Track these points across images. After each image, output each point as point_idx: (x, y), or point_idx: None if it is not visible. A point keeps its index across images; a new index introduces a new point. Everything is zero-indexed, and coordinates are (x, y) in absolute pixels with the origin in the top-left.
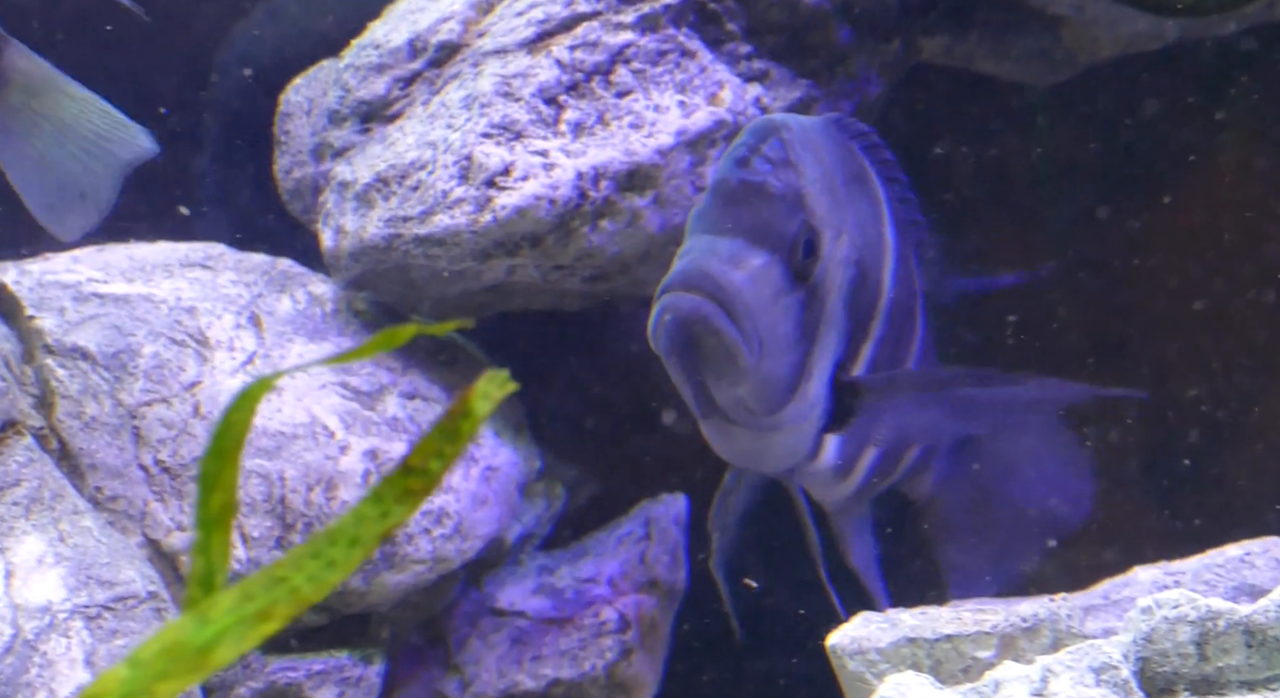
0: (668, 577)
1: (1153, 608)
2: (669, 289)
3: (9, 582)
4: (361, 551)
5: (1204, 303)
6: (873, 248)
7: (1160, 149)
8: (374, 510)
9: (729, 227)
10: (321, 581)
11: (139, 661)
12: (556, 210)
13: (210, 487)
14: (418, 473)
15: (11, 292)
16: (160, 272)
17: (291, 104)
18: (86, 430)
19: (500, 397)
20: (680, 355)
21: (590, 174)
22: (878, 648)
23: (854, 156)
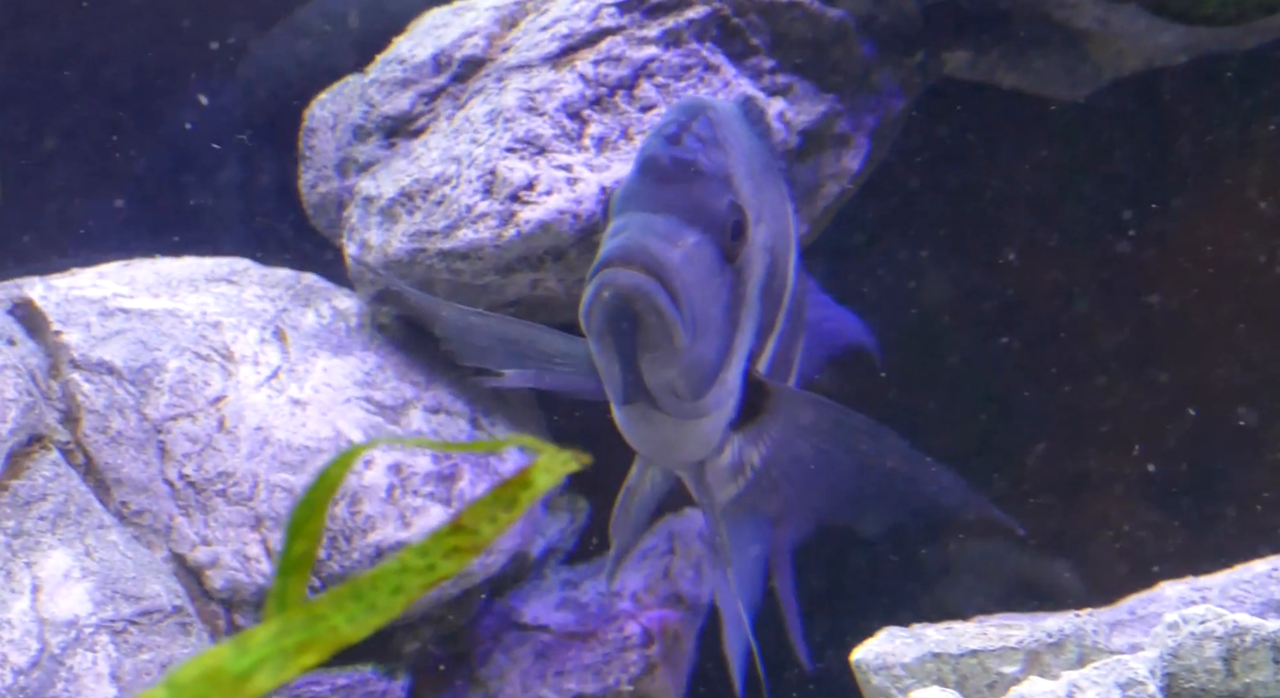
0: (691, 591)
1: (1179, 624)
2: (607, 263)
3: (36, 596)
4: (404, 599)
5: (1230, 318)
6: (782, 237)
7: (1187, 163)
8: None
9: (662, 205)
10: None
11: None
12: (580, 225)
13: (296, 534)
14: (468, 532)
15: (38, 307)
16: (186, 286)
17: (316, 119)
18: (112, 445)
19: (563, 474)
20: (615, 333)
21: (614, 188)
22: (902, 663)
23: (764, 143)
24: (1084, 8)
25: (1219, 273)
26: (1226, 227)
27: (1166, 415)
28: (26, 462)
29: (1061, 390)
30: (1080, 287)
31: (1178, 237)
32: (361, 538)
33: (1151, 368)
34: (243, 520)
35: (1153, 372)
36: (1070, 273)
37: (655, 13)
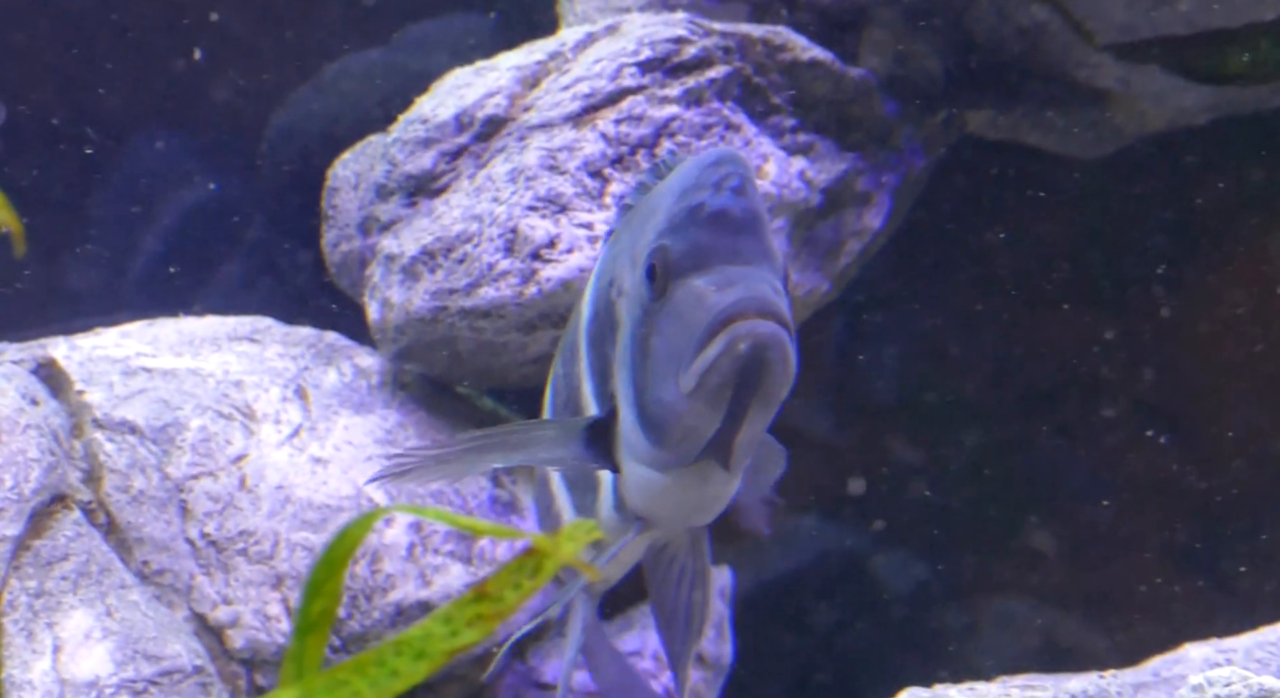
0: (713, 651)
1: (1204, 686)
2: (741, 315)
3: (57, 657)
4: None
5: (1257, 376)
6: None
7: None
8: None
9: (750, 256)
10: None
11: None
12: None
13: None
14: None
15: (61, 367)
16: (208, 345)
17: (339, 178)
18: (134, 504)
19: (587, 542)
20: (742, 387)
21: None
22: None
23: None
24: (1106, 67)
25: (1244, 332)
26: (1251, 286)
27: (1191, 475)
28: (49, 521)
29: (1085, 449)
30: (1104, 345)
31: (1202, 296)
32: (382, 597)
33: (1177, 427)
34: (264, 580)
35: (1178, 431)
36: (1093, 331)
37: (677, 72)
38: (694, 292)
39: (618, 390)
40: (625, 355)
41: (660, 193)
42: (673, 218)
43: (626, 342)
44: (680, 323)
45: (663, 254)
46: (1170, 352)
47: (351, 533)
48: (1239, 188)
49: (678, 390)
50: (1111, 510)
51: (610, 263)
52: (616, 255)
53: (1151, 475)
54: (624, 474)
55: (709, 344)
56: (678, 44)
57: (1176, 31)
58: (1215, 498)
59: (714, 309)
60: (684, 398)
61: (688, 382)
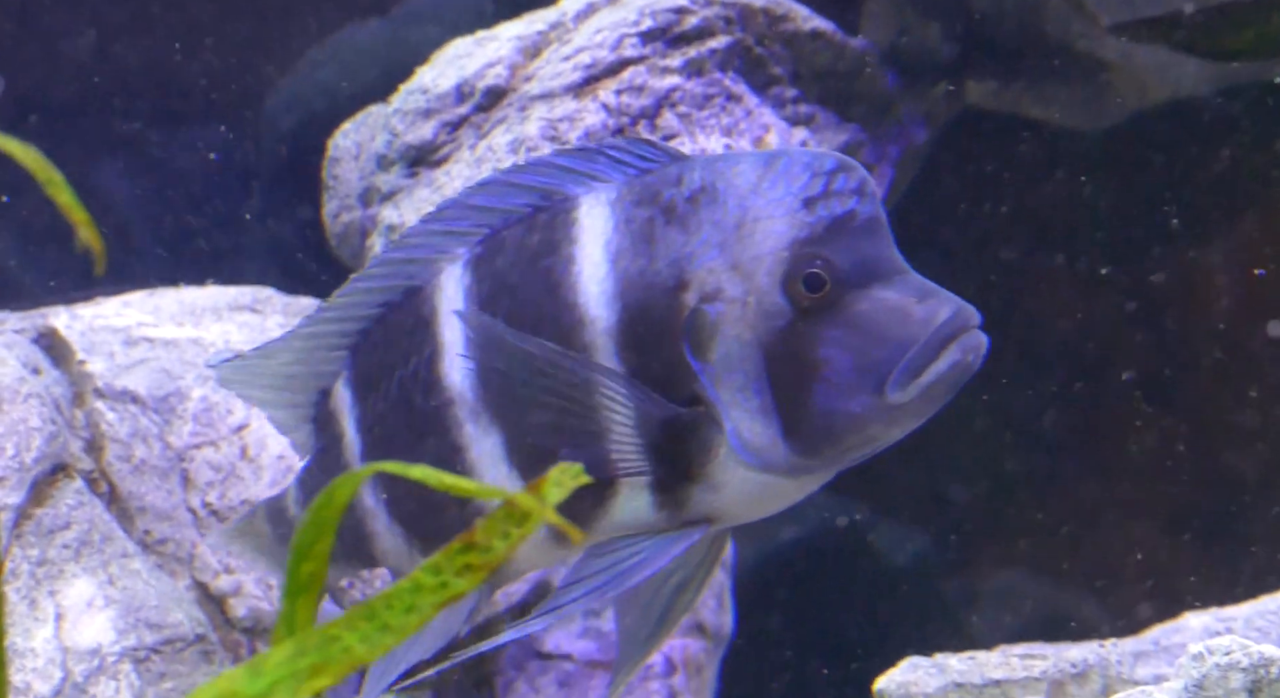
0: (714, 621)
1: (1204, 654)
2: (965, 328)
3: (59, 625)
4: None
5: (1255, 347)
6: None
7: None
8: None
9: (903, 263)
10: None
11: None
12: None
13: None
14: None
15: (63, 336)
16: (209, 315)
17: (340, 149)
18: (136, 473)
19: (573, 487)
20: (951, 397)
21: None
22: (925, 693)
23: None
24: (1107, 40)
25: (1245, 302)
26: (1253, 256)
27: (1192, 445)
28: (51, 490)
29: (1085, 420)
30: (1103, 315)
31: (1204, 266)
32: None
33: (1177, 397)
34: None
35: (1178, 401)
36: (1093, 301)
37: (678, 42)
38: (887, 304)
39: (724, 398)
40: (746, 365)
41: (731, 188)
42: (813, 226)
43: (745, 351)
44: (872, 336)
45: (828, 265)
46: (1173, 323)
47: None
48: (1242, 158)
49: (876, 401)
50: (1112, 482)
51: (633, 263)
52: (649, 264)
53: (1153, 447)
54: (710, 478)
55: (939, 357)
56: (679, 14)
57: (1181, 8)
58: (1217, 470)
59: (932, 322)
60: (888, 408)
61: (906, 393)
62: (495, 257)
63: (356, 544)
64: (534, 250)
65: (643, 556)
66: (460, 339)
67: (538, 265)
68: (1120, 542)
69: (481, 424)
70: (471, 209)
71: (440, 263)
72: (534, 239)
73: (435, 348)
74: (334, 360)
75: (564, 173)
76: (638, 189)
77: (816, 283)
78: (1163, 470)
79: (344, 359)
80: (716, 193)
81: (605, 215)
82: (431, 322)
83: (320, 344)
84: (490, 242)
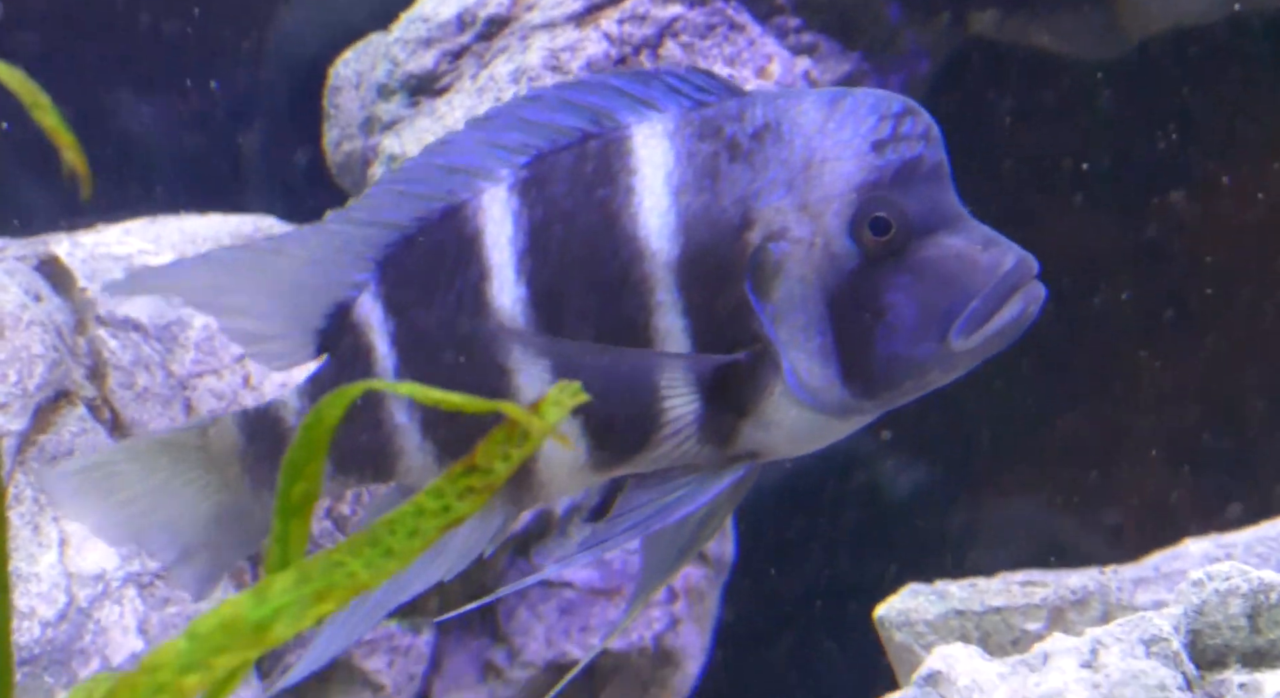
0: (715, 549)
1: (1204, 581)
2: (1027, 278)
3: (63, 550)
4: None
5: (1261, 282)
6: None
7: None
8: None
9: (964, 209)
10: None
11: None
12: None
13: (294, 476)
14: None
15: (64, 264)
16: (210, 244)
17: (341, 77)
18: (138, 401)
19: (572, 406)
20: (1007, 346)
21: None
22: (926, 620)
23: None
24: None
25: (1253, 234)
26: (1259, 186)
27: (1196, 379)
28: (54, 417)
29: (1091, 353)
30: (1107, 245)
31: (1211, 197)
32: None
33: (1182, 330)
34: None
35: (1184, 334)
36: (1100, 233)
37: None
38: (953, 251)
39: (783, 337)
40: (809, 306)
41: (796, 128)
42: (881, 170)
43: (809, 292)
44: (938, 283)
45: (896, 210)
46: (1179, 252)
47: (326, 412)
48: (1249, 87)
49: (940, 347)
50: (1115, 409)
51: (697, 198)
52: (703, 198)
53: (1156, 374)
54: (762, 416)
55: (1004, 306)
56: None
57: None
58: (1220, 397)
59: (997, 271)
60: (950, 355)
61: (970, 341)
62: (546, 183)
63: (379, 459)
64: (589, 179)
65: (688, 490)
66: (512, 263)
67: (594, 195)
68: (1122, 471)
69: (531, 350)
70: (520, 122)
71: (479, 181)
72: (588, 168)
73: (484, 271)
74: (357, 267)
75: (618, 95)
76: (697, 122)
77: (884, 227)
78: (1165, 400)
79: (370, 270)
80: (781, 131)
81: (665, 148)
82: (476, 243)
83: (343, 247)
84: (538, 166)
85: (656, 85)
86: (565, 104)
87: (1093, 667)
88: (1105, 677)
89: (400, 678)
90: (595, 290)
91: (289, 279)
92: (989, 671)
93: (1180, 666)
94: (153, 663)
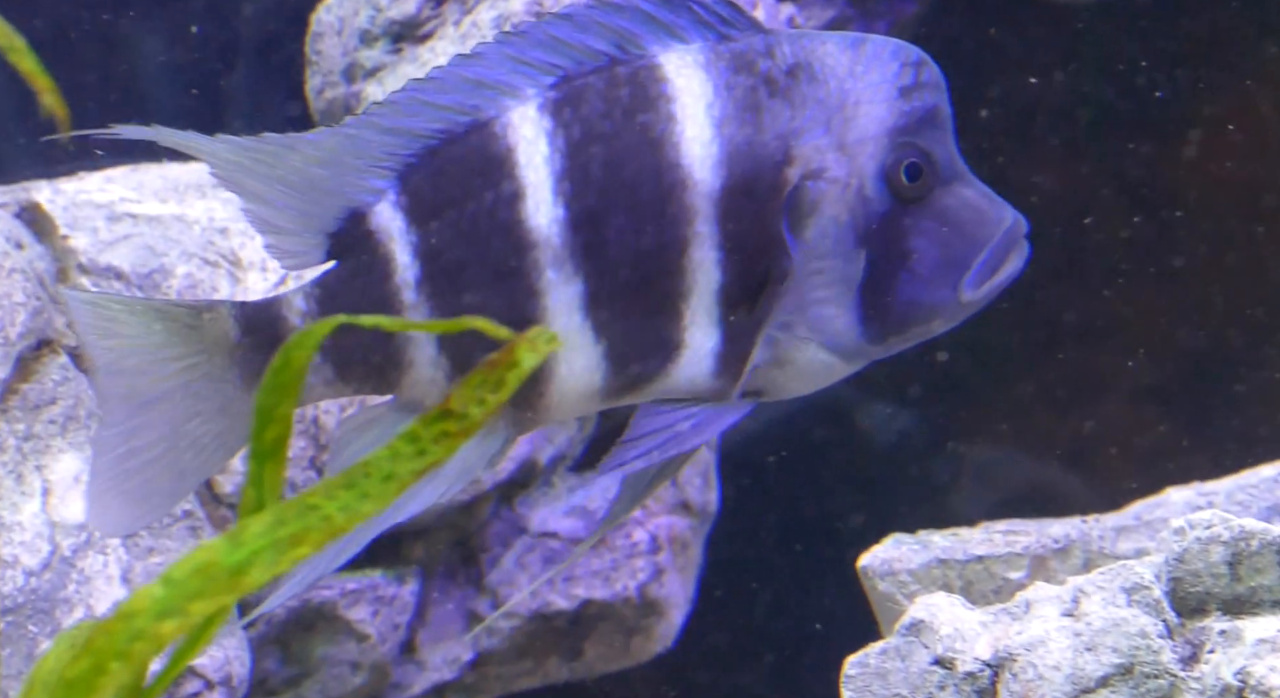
0: (699, 499)
1: (1185, 528)
2: (1021, 236)
3: (46, 499)
4: (396, 485)
5: (1249, 227)
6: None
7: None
8: (410, 449)
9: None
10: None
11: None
12: None
13: (266, 420)
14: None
15: (45, 211)
16: (193, 192)
17: (323, 23)
18: None
19: (548, 351)
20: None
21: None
22: (909, 569)
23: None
24: None
25: (1235, 177)
26: (1241, 131)
27: (1179, 320)
28: (36, 366)
29: (1073, 292)
30: (1091, 190)
31: (1193, 141)
32: None
33: (1163, 274)
34: None
35: (1164, 278)
36: (1085, 176)
37: None
38: (969, 202)
39: (811, 277)
40: (840, 247)
41: (827, 68)
42: (909, 116)
43: (841, 233)
44: (956, 232)
45: (925, 157)
46: (1161, 198)
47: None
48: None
49: (953, 296)
50: (1097, 355)
51: (750, 133)
52: (769, 131)
53: (1140, 320)
54: (784, 354)
55: (1007, 261)
56: None
57: None
58: (1203, 344)
59: (1002, 226)
60: (958, 305)
61: (977, 293)
62: (579, 104)
63: (386, 369)
64: (627, 104)
65: (696, 421)
66: (549, 183)
67: (634, 119)
68: (1103, 417)
69: (565, 272)
70: (550, 40)
71: (504, 98)
72: (623, 92)
73: (517, 189)
74: (375, 174)
75: (647, 20)
76: (727, 56)
77: (916, 173)
78: (1148, 346)
79: (388, 178)
80: (814, 71)
81: (702, 78)
82: (508, 161)
83: (361, 152)
84: (567, 87)
85: (684, 13)
86: (595, 25)
87: (1074, 615)
88: (1087, 625)
89: (384, 628)
90: (633, 216)
91: (302, 176)
92: (971, 619)
93: (1161, 613)
94: (129, 610)
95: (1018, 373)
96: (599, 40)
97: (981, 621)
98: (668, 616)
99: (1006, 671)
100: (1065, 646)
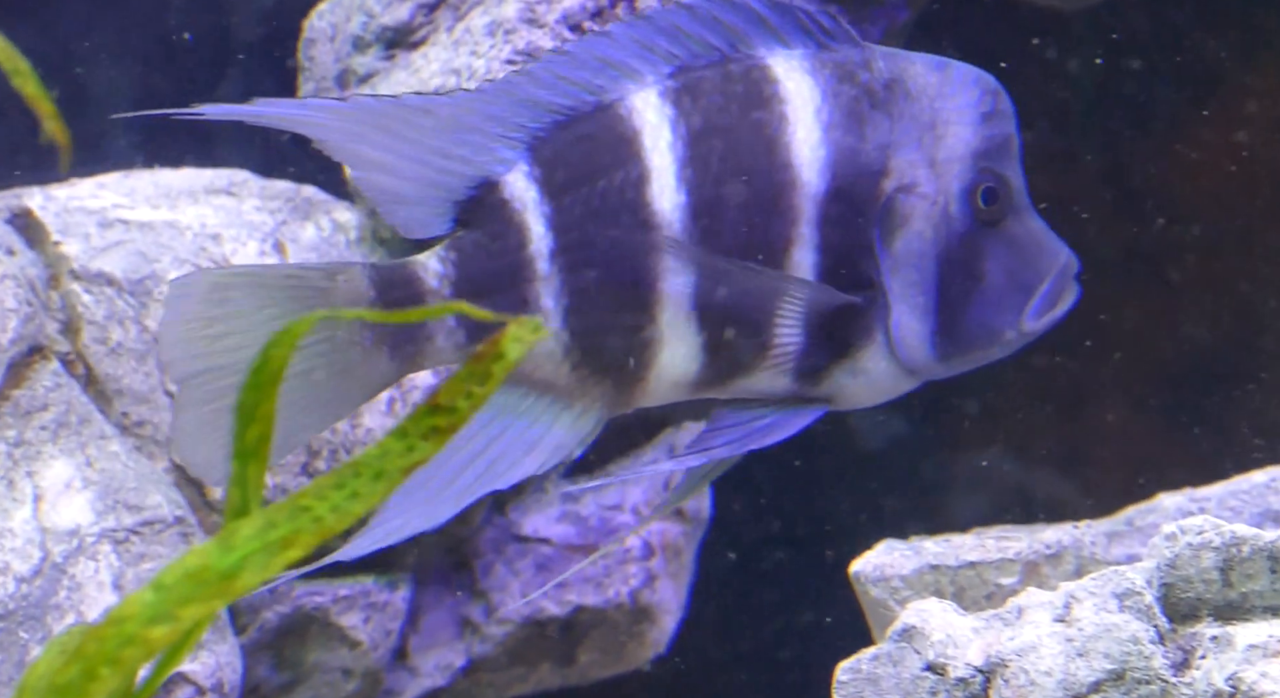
0: (692, 505)
1: (1177, 534)
2: (1073, 275)
3: (37, 506)
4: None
5: (1238, 228)
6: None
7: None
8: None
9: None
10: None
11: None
12: None
13: (247, 419)
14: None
15: (37, 217)
16: (185, 198)
17: (315, 30)
18: (113, 356)
19: (533, 342)
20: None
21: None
22: (900, 575)
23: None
24: None
25: (1229, 182)
26: (1234, 134)
27: (1168, 327)
28: (27, 372)
29: None
30: (1084, 196)
31: (1186, 145)
32: (362, 451)
33: (1156, 278)
34: None
35: (1157, 282)
36: (1075, 182)
37: None
38: (1035, 233)
39: (895, 289)
40: (923, 262)
41: (919, 87)
42: (990, 141)
43: (925, 248)
44: (1024, 261)
45: (1005, 184)
46: (1155, 204)
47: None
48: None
49: (1016, 322)
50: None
51: (857, 142)
52: (874, 143)
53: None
54: (857, 362)
55: (1063, 296)
56: None
57: None
58: (1197, 350)
59: (1062, 261)
60: (1019, 333)
61: (1038, 323)
62: (697, 94)
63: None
64: (743, 99)
65: (770, 423)
66: (673, 169)
67: (749, 115)
68: (1096, 423)
69: (684, 258)
70: (673, 29)
71: (626, 80)
72: (738, 88)
73: (644, 172)
74: (506, 144)
75: (758, 20)
76: (830, 64)
77: (992, 197)
78: (1140, 351)
79: (518, 148)
80: (908, 88)
81: (810, 83)
82: (635, 143)
83: (496, 119)
84: (685, 76)
85: (791, 19)
86: (713, 20)
87: (1066, 621)
88: (1079, 630)
89: (377, 634)
90: (745, 212)
91: (435, 142)
92: (963, 625)
93: (1153, 619)
94: (120, 615)
95: (1009, 378)
96: (715, 35)
97: (973, 626)
98: (660, 622)
99: (998, 676)
100: (1057, 651)
